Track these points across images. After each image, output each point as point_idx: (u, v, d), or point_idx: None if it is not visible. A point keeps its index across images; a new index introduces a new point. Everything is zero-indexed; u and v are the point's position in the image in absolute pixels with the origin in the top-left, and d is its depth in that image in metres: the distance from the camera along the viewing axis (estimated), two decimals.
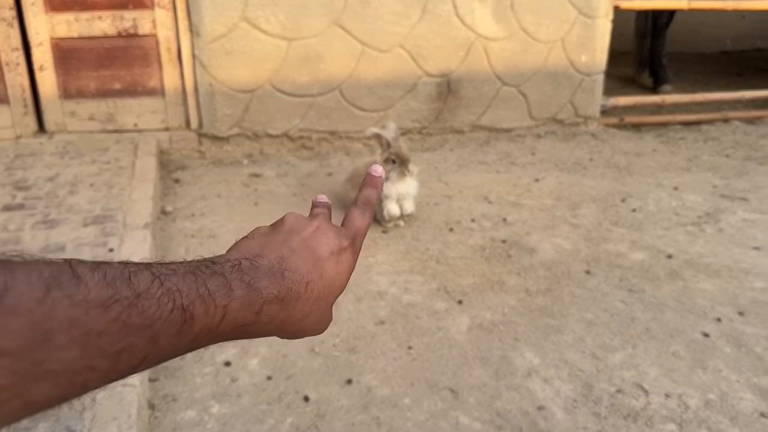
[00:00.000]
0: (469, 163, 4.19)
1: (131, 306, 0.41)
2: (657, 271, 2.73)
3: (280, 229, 0.57)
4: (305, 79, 4.16)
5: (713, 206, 3.47)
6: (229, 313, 0.46)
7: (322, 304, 0.54)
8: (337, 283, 0.56)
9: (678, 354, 2.13)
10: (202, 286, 0.45)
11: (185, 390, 1.90)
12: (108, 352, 0.40)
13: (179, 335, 0.44)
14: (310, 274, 0.53)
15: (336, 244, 0.57)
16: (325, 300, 0.55)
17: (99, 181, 3.20)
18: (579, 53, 4.70)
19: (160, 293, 0.43)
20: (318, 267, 0.54)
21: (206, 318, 0.45)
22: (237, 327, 0.47)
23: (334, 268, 0.55)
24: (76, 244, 2.50)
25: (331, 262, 0.55)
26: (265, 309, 0.48)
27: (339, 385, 1.95)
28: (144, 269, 0.43)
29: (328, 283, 0.55)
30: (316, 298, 0.53)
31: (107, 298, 0.40)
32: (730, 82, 6.99)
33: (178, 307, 0.43)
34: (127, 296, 0.41)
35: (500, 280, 2.64)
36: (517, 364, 2.06)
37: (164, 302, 0.43)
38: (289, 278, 0.51)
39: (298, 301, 0.51)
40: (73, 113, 3.94)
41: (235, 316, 0.46)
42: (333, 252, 0.56)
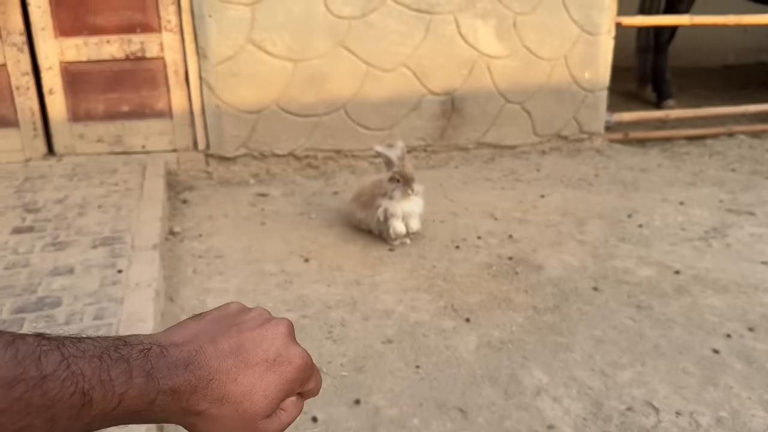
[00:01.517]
0: (475, 180, 4.20)
1: (36, 387, 0.44)
2: (665, 287, 2.72)
3: (235, 318, 0.56)
4: (311, 100, 4.19)
5: (720, 221, 3.46)
6: (125, 400, 0.47)
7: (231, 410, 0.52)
8: (259, 393, 0.52)
9: (688, 371, 2.11)
10: (105, 372, 0.47)
11: None
12: (7, 430, 0.43)
13: (76, 418, 0.46)
14: (220, 373, 0.51)
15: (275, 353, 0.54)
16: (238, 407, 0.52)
17: (107, 202, 3.22)
18: (582, 70, 4.73)
19: (64, 376, 0.45)
20: (237, 369, 0.52)
21: (103, 403, 0.46)
22: (130, 413, 0.48)
23: (259, 376, 0.53)
24: (85, 266, 2.52)
25: (259, 369, 0.53)
26: (158, 399, 0.49)
27: (347, 406, 1.94)
28: (55, 350, 0.46)
29: (245, 390, 0.52)
30: (219, 398, 0.51)
31: (13, 377, 0.43)
32: (734, 96, 7.00)
33: (79, 391, 0.45)
34: (33, 377, 0.44)
35: (507, 297, 2.64)
36: (526, 383, 2.06)
37: (67, 385, 0.45)
38: (191, 371, 0.50)
39: (193, 395, 0.50)
40: (81, 136, 3.98)
41: (130, 403, 0.48)
42: (267, 360, 0.53)
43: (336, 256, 3.03)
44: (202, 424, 0.52)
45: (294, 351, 0.55)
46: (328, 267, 2.91)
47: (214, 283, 2.77)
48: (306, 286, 2.69)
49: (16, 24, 3.72)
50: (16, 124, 3.86)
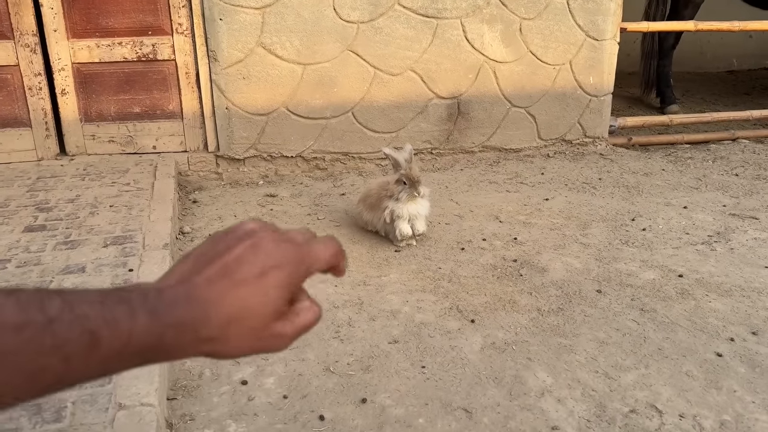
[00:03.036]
0: (480, 182, 4.24)
1: (44, 329, 0.47)
2: (668, 291, 2.75)
3: (215, 247, 0.57)
4: (319, 103, 4.24)
5: (723, 225, 3.49)
6: (134, 336, 0.50)
7: (240, 327, 0.54)
8: (258, 304, 0.55)
9: (691, 374, 2.14)
10: (108, 312, 0.50)
11: (202, 409, 1.94)
12: (23, 369, 0.46)
13: (89, 356, 0.49)
14: (215, 300, 0.53)
15: (263, 264, 0.56)
16: (245, 323, 0.54)
17: (119, 202, 3.27)
18: (587, 75, 4.76)
19: (69, 318, 0.48)
20: (228, 290, 0.54)
21: (112, 341, 0.49)
22: (145, 350, 0.51)
23: (252, 289, 0.54)
24: (97, 265, 2.56)
25: (250, 283, 0.55)
26: (167, 334, 0.51)
27: (353, 405, 1.98)
28: (56, 296, 0.49)
29: (243, 305, 0.54)
30: (224, 322, 0.53)
31: (21, 322, 0.46)
32: (738, 102, 7.02)
33: (87, 331, 0.48)
34: (39, 321, 0.47)
35: (512, 299, 2.67)
36: (530, 384, 2.09)
37: (74, 327, 0.48)
38: (189, 305, 0.53)
39: (199, 325, 0.53)
40: (93, 136, 4.04)
41: (140, 340, 0.50)
42: (256, 275, 0.55)
43: None
44: (220, 348, 0.55)
45: (279, 252, 0.57)
46: None
47: None
48: (313, 285, 2.71)
49: (29, 25, 3.78)
50: (28, 124, 3.92)
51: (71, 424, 1.65)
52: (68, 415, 1.68)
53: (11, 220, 3.03)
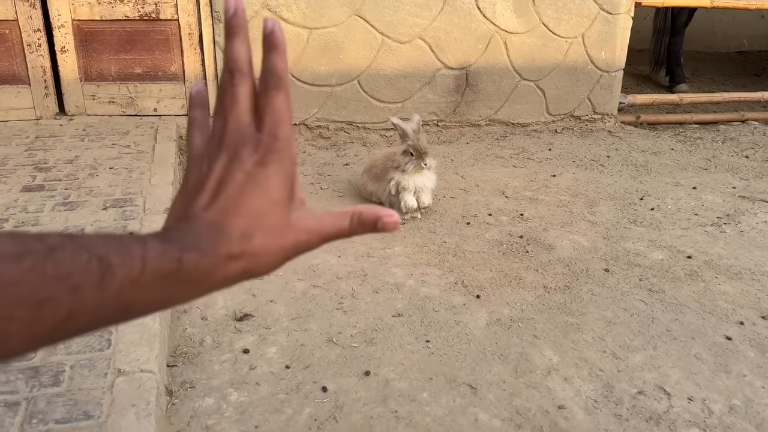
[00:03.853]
0: (486, 156, 4.17)
1: (45, 258, 0.42)
2: (677, 272, 2.70)
3: (199, 171, 0.52)
4: (324, 69, 4.14)
5: (733, 207, 3.43)
6: (148, 261, 0.45)
7: (258, 231, 0.49)
8: (262, 207, 0.50)
9: (700, 357, 2.11)
10: (115, 241, 0.45)
11: (203, 377, 1.90)
12: (27, 301, 0.41)
13: (101, 286, 0.43)
14: (225, 219, 0.49)
15: (247, 163, 0.50)
16: (259, 223, 0.50)
17: (119, 164, 3.20)
18: (599, 49, 4.66)
19: (73, 246, 0.43)
20: (231, 203, 0.49)
21: (125, 267, 0.44)
22: (165, 277, 0.46)
23: (250, 190, 0.49)
24: (96, 227, 2.50)
25: (246, 186, 0.49)
26: (185, 257, 0.47)
27: (357, 377, 1.94)
28: (54, 233, 0.44)
29: (248, 207, 0.49)
30: (243, 234, 0.49)
31: (19, 251, 0.41)
32: (747, 83, 6.92)
33: (95, 257, 0.43)
34: (40, 249, 0.42)
35: (518, 275, 2.63)
36: (536, 362, 2.05)
37: (79, 254, 0.43)
38: (201, 230, 0.48)
39: (217, 244, 0.48)
40: (93, 96, 3.94)
41: (156, 264, 0.45)
42: (246, 174, 0.50)
43: None
44: (252, 261, 0.50)
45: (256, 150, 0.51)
46: None
47: None
48: (316, 256, 2.68)
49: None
50: (27, 81, 3.82)
51: (69, 389, 1.61)
52: (66, 380, 1.64)
53: (9, 179, 2.96)
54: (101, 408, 1.55)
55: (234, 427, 1.71)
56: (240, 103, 0.51)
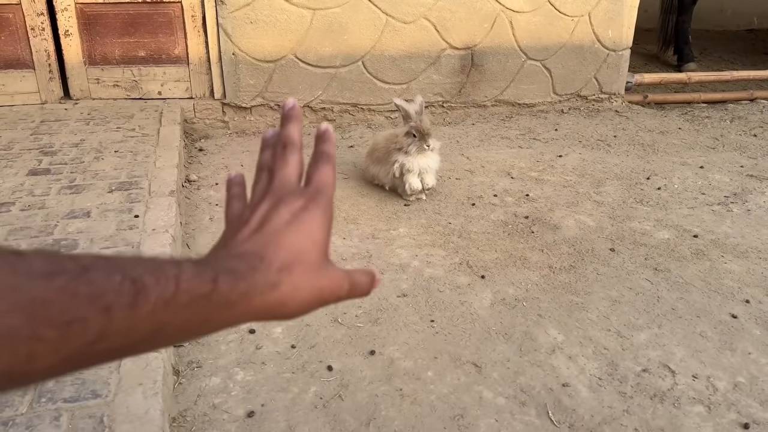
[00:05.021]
0: (491, 137, 4.15)
1: (78, 277, 0.41)
2: (683, 251, 2.70)
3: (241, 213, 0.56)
4: (328, 50, 4.12)
5: (740, 186, 3.41)
6: (183, 282, 0.45)
7: (302, 268, 0.51)
8: (304, 245, 0.52)
9: (705, 335, 2.11)
10: (149, 261, 0.45)
11: (210, 357, 1.92)
12: (56, 321, 0.40)
13: (134, 307, 0.43)
14: (268, 249, 0.51)
15: (295, 203, 0.54)
16: (301, 258, 0.51)
17: (124, 147, 3.20)
18: (606, 28, 4.61)
19: (106, 266, 0.43)
20: (280, 237, 0.51)
21: (158, 287, 0.44)
22: (196, 298, 0.45)
23: (294, 234, 0.52)
24: (102, 210, 2.51)
25: (294, 223, 0.52)
26: (220, 279, 0.47)
27: (362, 356, 1.95)
28: (86, 254, 0.44)
29: (292, 250, 0.51)
30: (284, 266, 0.50)
31: (52, 269, 0.40)
32: (756, 61, 6.84)
33: (128, 279, 0.43)
34: (72, 268, 0.41)
35: (523, 256, 2.63)
36: (540, 341, 2.06)
37: (113, 274, 0.42)
38: (240, 257, 0.50)
39: (256, 272, 0.49)
40: (98, 80, 3.94)
41: (190, 285, 0.45)
42: (295, 212, 0.53)
43: (351, 209, 3.01)
44: (287, 293, 0.50)
45: (294, 197, 0.55)
46: (343, 220, 2.90)
47: None
48: None
49: None
50: (31, 65, 3.82)
51: None
52: None
53: (15, 163, 2.97)
54: (109, 387, 1.56)
55: (240, 406, 1.73)
56: (290, 165, 0.57)
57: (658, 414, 1.75)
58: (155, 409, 1.50)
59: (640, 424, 1.71)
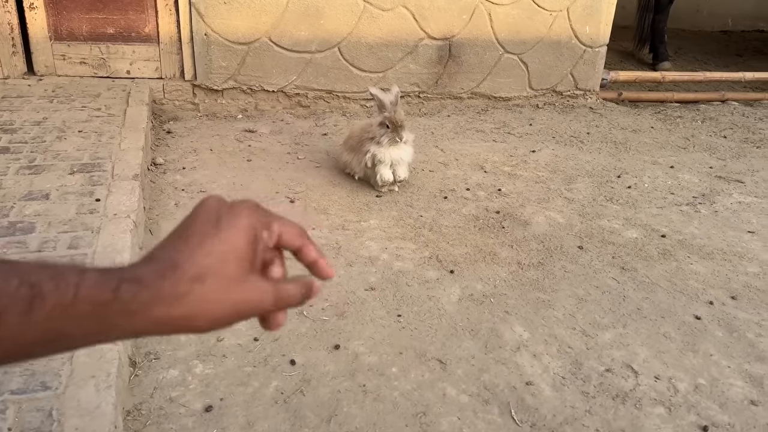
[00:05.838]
0: (466, 130, 4.13)
1: None
2: (650, 251, 2.71)
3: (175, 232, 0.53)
4: (304, 35, 4.05)
5: (709, 187, 3.45)
6: (83, 289, 0.43)
7: (217, 279, 0.49)
8: (229, 253, 0.50)
9: (669, 336, 2.12)
10: (52, 268, 0.44)
11: (168, 348, 1.87)
12: None
13: (29, 312, 0.42)
14: (187, 255, 0.49)
15: (219, 215, 0.52)
16: (221, 273, 0.49)
17: (88, 128, 3.11)
18: (583, 24, 4.61)
19: (5, 269, 0.42)
20: (200, 245, 0.50)
21: (57, 294, 0.43)
22: (96, 306, 0.44)
23: (213, 245, 0.50)
24: (62, 192, 2.43)
25: (215, 236, 0.51)
26: (123, 287, 0.45)
27: (326, 351, 1.92)
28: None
29: (217, 257, 0.50)
30: (197, 275, 0.48)
31: None
32: (729, 63, 6.92)
33: (26, 283, 0.42)
34: None
35: (493, 251, 2.61)
36: (506, 338, 2.05)
37: (9, 277, 0.41)
38: (152, 262, 0.48)
39: (164, 279, 0.47)
40: (63, 56, 3.82)
41: (90, 293, 0.44)
42: (214, 224, 0.52)
43: (322, 198, 2.97)
44: (196, 306, 0.48)
45: (233, 206, 0.54)
46: (314, 209, 2.85)
47: None
48: None
49: None
50: None
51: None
52: None
53: None
54: (60, 379, 1.51)
55: (198, 400, 1.68)
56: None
57: (620, 415, 1.75)
58: (107, 403, 1.45)
59: (602, 425, 1.72)
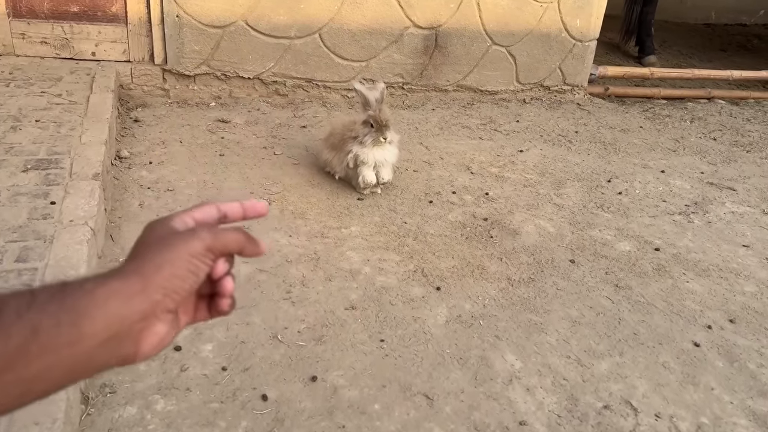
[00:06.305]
0: (452, 126, 3.95)
1: None
2: (644, 266, 2.58)
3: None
4: (283, 19, 3.81)
5: (701, 194, 3.33)
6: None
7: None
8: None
9: (668, 366, 1.99)
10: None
11: (126, 379, 1.68)
12: None
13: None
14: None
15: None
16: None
17: (47, 117, 2.86)
18: (574, 17, 4.45)
19: None
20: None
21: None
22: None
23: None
24: (12, 194, 2.21)
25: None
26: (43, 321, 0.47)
27: (302, 383, 1.75)
28: None
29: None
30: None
31: None
32: (713, 57, 6.83)
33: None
34: None
35: (481, 264, 2.46)
36: (497, 368, 1.90)
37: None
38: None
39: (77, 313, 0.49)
40: (23, 35, 3.54)
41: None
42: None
43: (300, 201, 2.78)
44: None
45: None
46: (291, 213, 2.66)
47: None
48: (265, 234, 2.45)
49: None
50: None
51: None
52: None
53: None
54: None
55: None
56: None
57: None
58: None
59: None
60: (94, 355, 0.49)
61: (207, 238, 0.56)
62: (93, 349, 0.48)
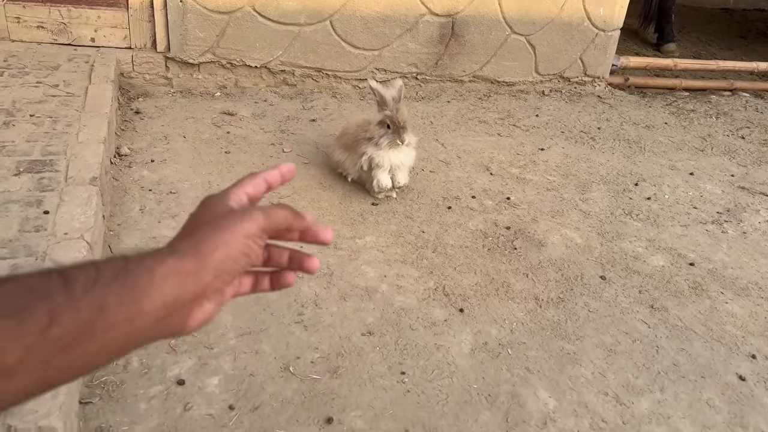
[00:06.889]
0: (468, 120, 3.76)
1: None
2: (679, 283, 2.41)
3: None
4: (292, 5, 3.60)
5: (733, 200, 3.15)
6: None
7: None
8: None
9: (713, 404, 1.83)
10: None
11: (124, 420, 1.53)
12: None
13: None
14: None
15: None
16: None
17: (42, 110, 2.68)
18: (597, 5, 4.23)
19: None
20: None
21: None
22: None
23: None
24: (3, 201, 2.03)
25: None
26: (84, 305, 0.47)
27: (316, 426, 1.59)
28: None
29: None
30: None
31: None
32: (733, 45, 6.60)
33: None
34: None
35: (506, 281, 2.29)
36: (530, 408, 1.74)
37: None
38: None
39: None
40: (18, 18, 3.33)
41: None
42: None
43: (311, 206, 2.60)
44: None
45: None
46: None
47: (164, 229, 2.32)
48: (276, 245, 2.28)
49: None
50: None
51: None
52: None
53: None
54: None
55: None
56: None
57: None
58: None
59: None
60: (146, 330, 0.50)
61: (261, 218, 0.56)
62: (148, 326, 0.50)
